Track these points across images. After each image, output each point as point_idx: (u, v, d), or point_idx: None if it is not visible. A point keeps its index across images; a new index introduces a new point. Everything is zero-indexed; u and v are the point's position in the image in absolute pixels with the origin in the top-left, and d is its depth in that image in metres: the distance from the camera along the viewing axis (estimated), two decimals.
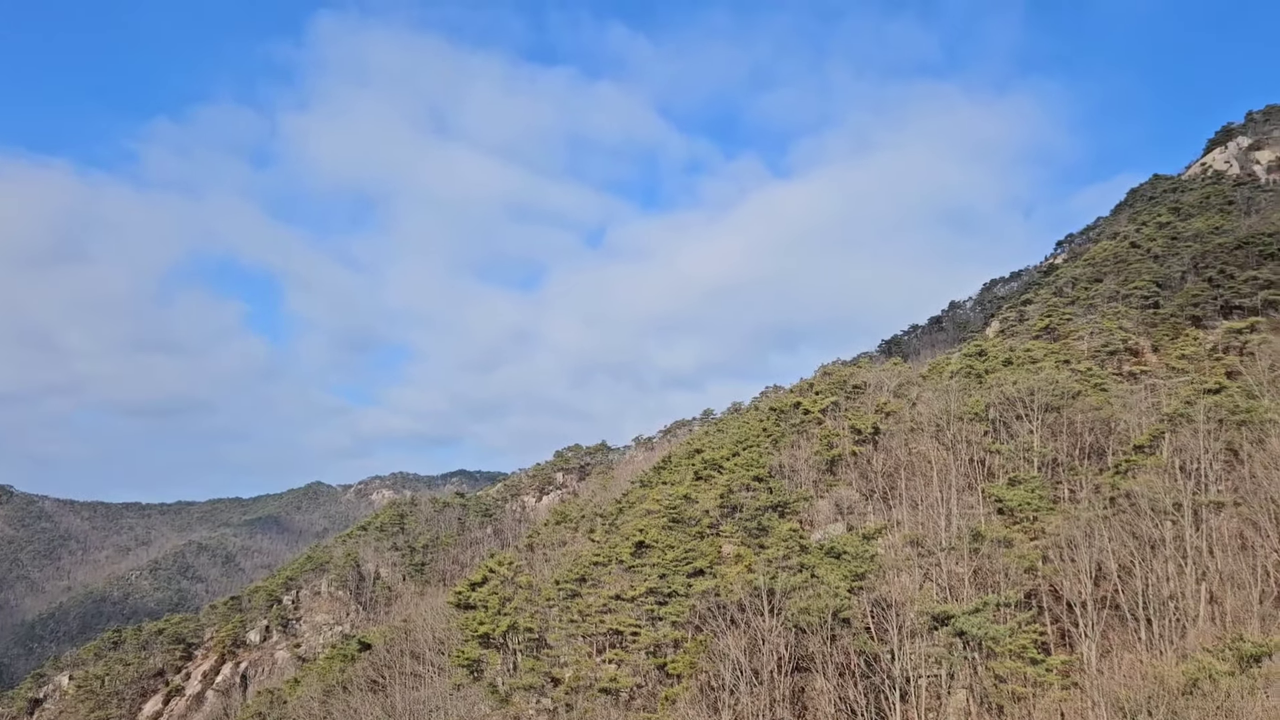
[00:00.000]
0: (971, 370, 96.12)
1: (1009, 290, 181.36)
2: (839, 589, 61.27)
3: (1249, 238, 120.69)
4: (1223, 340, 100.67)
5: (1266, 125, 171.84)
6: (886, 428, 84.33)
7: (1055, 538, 62.60)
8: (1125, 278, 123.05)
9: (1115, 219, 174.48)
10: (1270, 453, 63.43)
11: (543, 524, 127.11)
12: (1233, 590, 56.25)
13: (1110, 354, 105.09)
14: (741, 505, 77.83)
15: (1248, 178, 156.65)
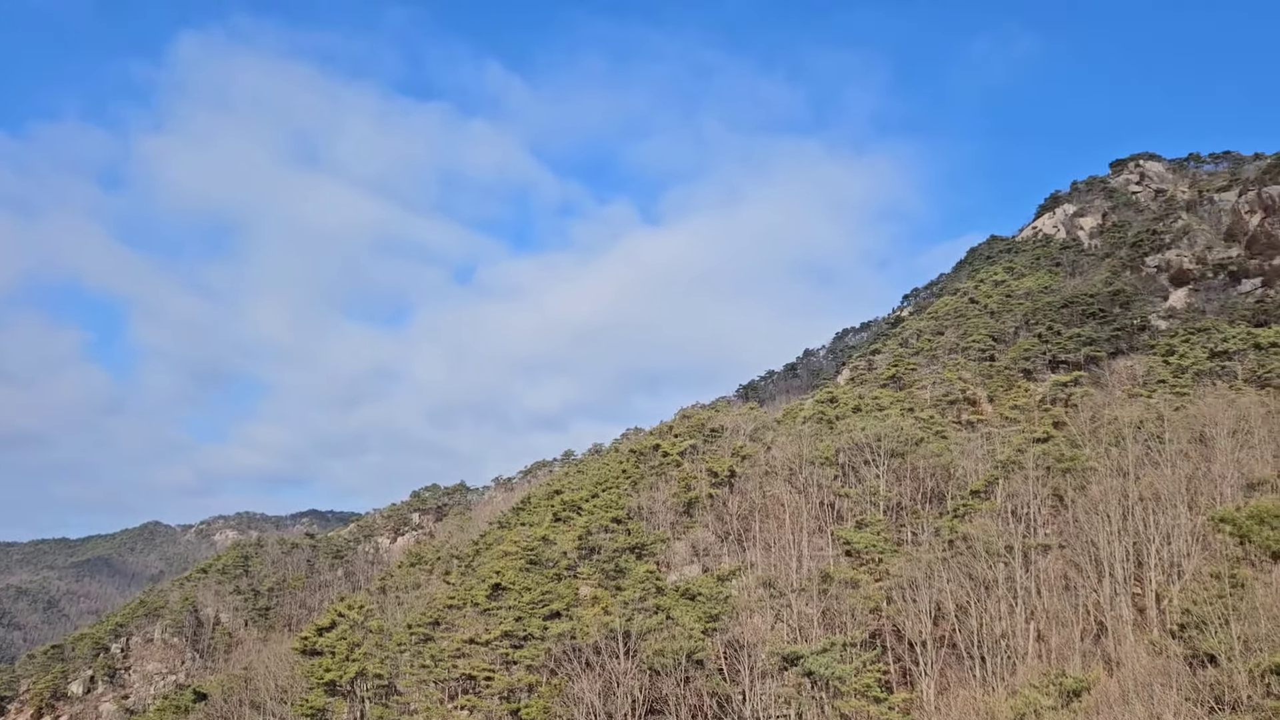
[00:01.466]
0: (823, 416, 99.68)
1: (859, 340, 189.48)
2: (693, 631, 62.07)
3: (1073, 297, 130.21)
4: (1050, 392, 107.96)
5: (1089, 194, 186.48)
6: (742, 471, 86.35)
7: (898, 579, 65.32)
8: (965, 331, 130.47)
9: (956, 275, 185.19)
10: (1091, 498, 68.16)
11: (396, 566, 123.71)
12: (1057, 628, 59.90)
13: (950, 403, 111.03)
14: (600, 547, 77.99)
15: (1073, 242, 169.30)
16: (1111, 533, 62.38)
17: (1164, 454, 74.34)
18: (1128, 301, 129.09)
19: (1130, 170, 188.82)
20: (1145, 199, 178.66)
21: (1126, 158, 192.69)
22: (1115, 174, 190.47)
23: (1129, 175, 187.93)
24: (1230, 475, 69.01)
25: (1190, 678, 47.58)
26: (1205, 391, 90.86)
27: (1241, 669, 44.56)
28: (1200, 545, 61.65)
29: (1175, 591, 58.13)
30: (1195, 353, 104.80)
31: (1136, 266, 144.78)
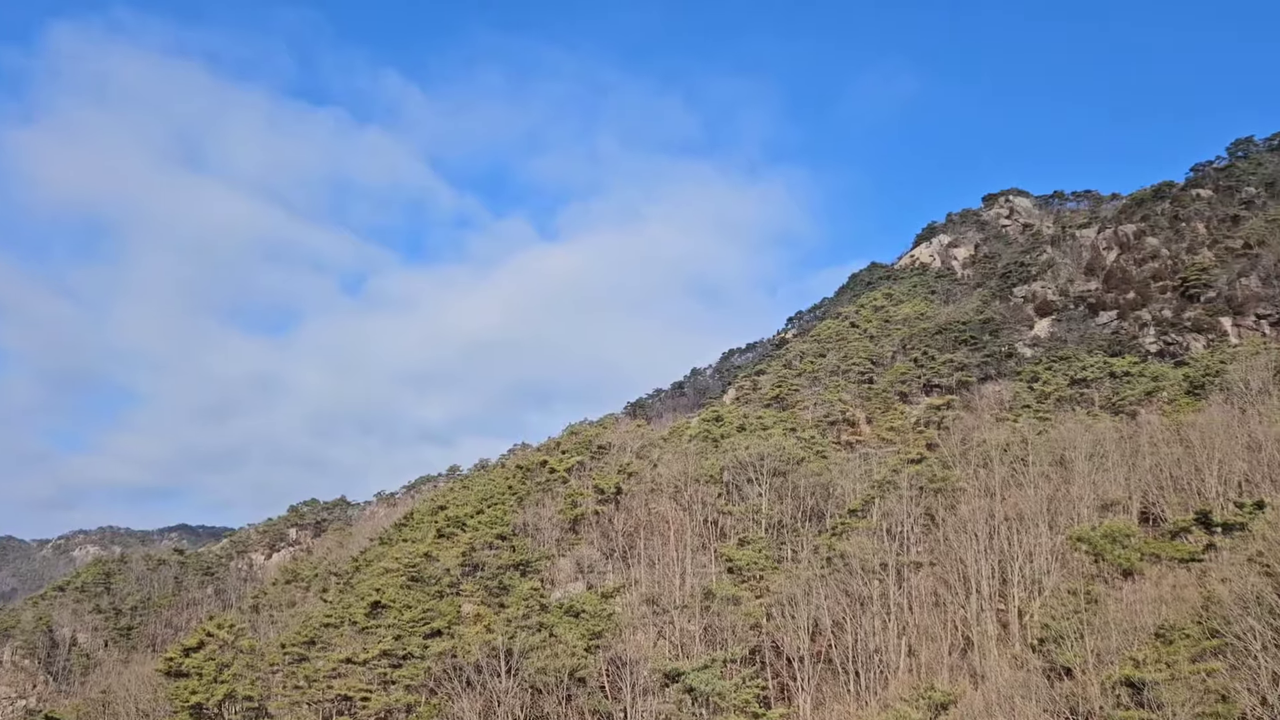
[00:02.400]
0: (709, 435, 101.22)
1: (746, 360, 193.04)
2: (576, 648, 62.02)
3: (947, 324, 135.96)
4: (924, 415, 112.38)
5: (962, 226, 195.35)
6: (628, 488, 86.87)
7: (778, 595, 66.77)
8: (845, 354, 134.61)
9: (839, 300, 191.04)
10: (960, 518, 71.20)
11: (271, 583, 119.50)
12: (927, 643, 62.26)
13: (831, 424, 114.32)
14: (484, 564, 77.19)
15: (947, 271, 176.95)
16: (979, 551, 65.29)
17: (1027, 476, 78.23)
18: (997, 330, 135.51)
19: (1001, 204, 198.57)
20: (1014, 232, 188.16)
21: (998, 192, 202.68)
22: (987, 207, 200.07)
23: (1000, 209, 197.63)
24: (1087, 496, 73.12)
25: (1048, 690, 50.13)
26: (1065, 417, 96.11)
27: (1095, 681, 47.22)
28: (1059, 563, 65.06)
29: (1036, 607, 61.18)
30: (1057, 380, 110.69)
31: (1005, 296, 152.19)
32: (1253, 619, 43.72)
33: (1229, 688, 41.88)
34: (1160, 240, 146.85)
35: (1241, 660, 43.40)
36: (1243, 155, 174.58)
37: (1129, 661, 45.01)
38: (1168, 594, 54.24)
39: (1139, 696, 42.89)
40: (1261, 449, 71.26)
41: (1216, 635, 44.64)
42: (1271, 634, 43.45)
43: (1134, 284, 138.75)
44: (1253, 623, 43.54)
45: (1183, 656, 42.87)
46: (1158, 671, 42.19)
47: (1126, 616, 51.76)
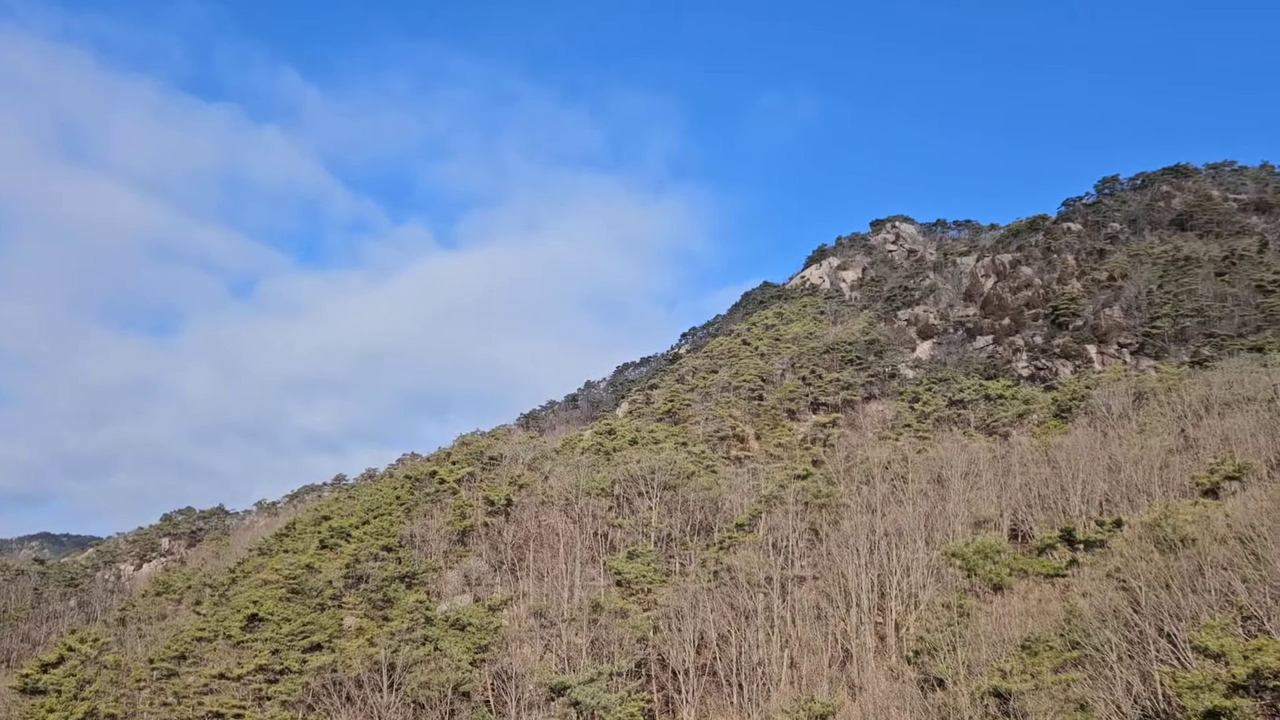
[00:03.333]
0: (601, 448, 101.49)
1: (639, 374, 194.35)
2: (461, 662, 61.31)
3: (834, 344, 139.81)
4: (811, 432, 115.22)
5: (851, 249, 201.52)
6: (519, 500, 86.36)
7: (665, 609, 67.40)
8: (737, 371, 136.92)
9: (731, 318, 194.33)
10: (843, 532, 73.26)
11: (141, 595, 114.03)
12: (809, 655, 63.77)
13: (721, 439, 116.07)
14: (368, 575, 75.53)
15: (835, 292, 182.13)
16: (859, 565, 67.28)
17: (907, 493, 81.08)
18: (881, 351, 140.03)
19: (888, 230, 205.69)
20: (899, 257, 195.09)
21: (885, 218, 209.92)
22: (875, 232, 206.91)
23: (886, 235, 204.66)
24: (961, 513, 76.21)
25: (922, 700, 51.98)
26: (944, 436, 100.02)
27: (965, 691, 49.20)
28: (935, 577, 67.59)
29: (912, 620, 63.40)
30: (936, 400, 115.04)
31: (890, 319, 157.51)
32: (1110, 631, 46.34)
33: (1087, 697, 44.25)
34: (1034, 270, 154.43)
35: (1099, 671, 45.92)
36: (1109, 193, 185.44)
37: (997, 672, 47.10)
38: (1034, 608, 56.99)
39: (1005, 706, 44.89)
40: (1121, 470, 75.59)
41: (1077, 647, 47.11)
42: (1127, 646, 46.14)
43: (1009, 311, 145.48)
44: (1110, 635, 46.14)
45: (1046, 667, 45.08)
46: (1023, 682, 44.25)
47: (996, 629, 54.15)
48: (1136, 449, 77.87)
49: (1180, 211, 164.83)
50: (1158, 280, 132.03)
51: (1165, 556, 49.10)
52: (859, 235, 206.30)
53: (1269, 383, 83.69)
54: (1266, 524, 46.12)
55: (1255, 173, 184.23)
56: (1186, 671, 39.30)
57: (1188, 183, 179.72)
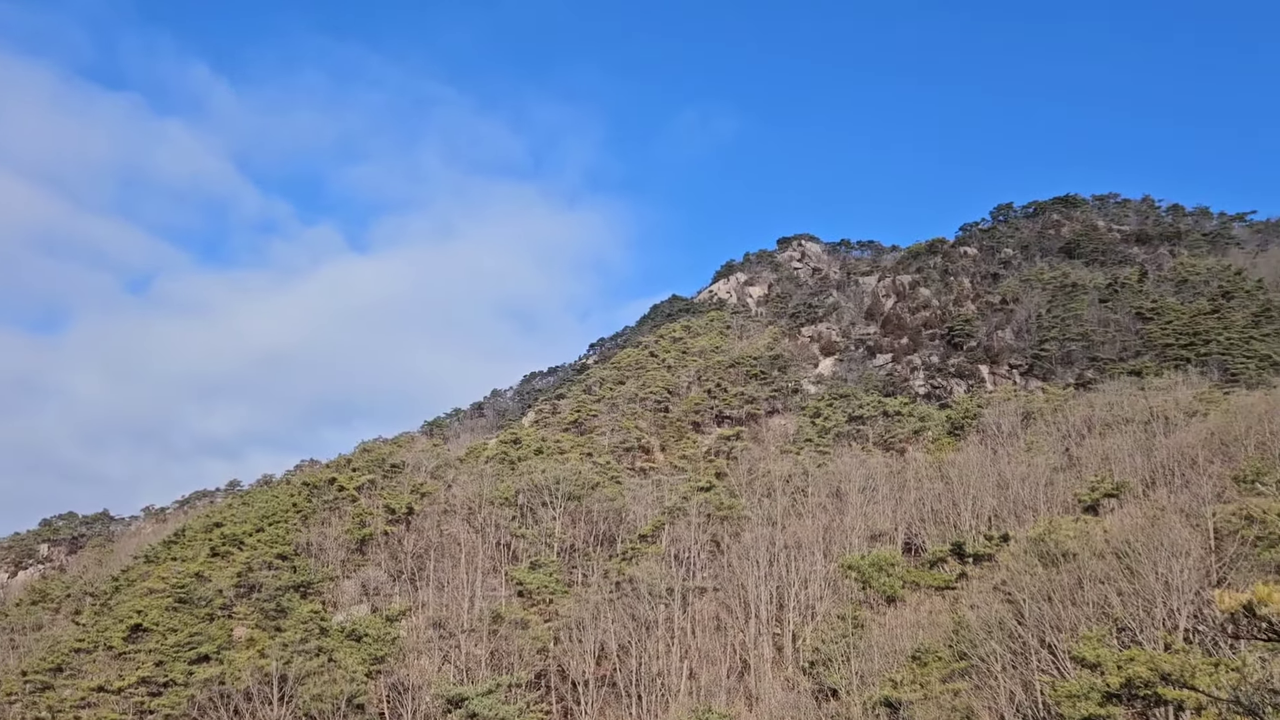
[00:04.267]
0: (506, 457, 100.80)
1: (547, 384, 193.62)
2: (357, 673, 60.03)
3: (740, 358, 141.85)
4: (715, 445, 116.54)
5: (758, 266, 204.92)
6: (421, 508, 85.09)
7: (567, 619, 67.25)
8: (644, 383, 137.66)
9: (640, 329, 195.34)
10: (744, 544, 74.31)
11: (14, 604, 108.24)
12: (707, 666, 64.40)
13: (627, 450, 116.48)
14: (261, 584, 73.33)
15: (742, 307, 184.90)
16: (759, 577, 68.33)
17: (807, 506, 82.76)
18: (785, 366, 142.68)
19: (794, 248, 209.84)
20: (805, 275, 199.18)
21: (791, 236, 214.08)
22: (781, 250, 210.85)
23: (792, 252, 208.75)
24: (858, 527, 78.16)
25: (816, 711, 53.09)
26: (843, 451, 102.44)
27: (857, 701, 50.43)
28: (831, 589, 69.10)
29: (809, 631, 64.67)
30: (837, 416, 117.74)
31: (794, 335, 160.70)
32: (995, 643, 48.16)
33: (973, 706, 45.86)
34: (932, 291, 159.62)
35: (984, 680, 47.66)
36: (1003, 219, 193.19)
37: (888, 683, 48.42)
38: (925, 619, 58.79)
39: (896, 716, 46.17)
40: (1009, 487, 78.64)
41: (964, 657, 48.82)
42: (1011, 656, 48.01)
43: (908, 330, 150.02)
44: (995, 646, 47.95)
45: (934, 677, 46.55)
46: (912, 692, 45.60)
47: (888, 640, 55.66)
48: (1024, 466, 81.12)
49: (1069, 240, 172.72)
50: (1047, 305, 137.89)
51: (1048, 570, 51.29)
52: (766, 252, 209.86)
53: (1145, 405, 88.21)
54: (1140, 540, 48.60)
55: (1137, 205, 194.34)
56: (1065, 681, 41.08)
57: (1076, 213, 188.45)
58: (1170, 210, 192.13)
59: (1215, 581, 46.02)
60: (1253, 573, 44.51)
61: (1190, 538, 48.39)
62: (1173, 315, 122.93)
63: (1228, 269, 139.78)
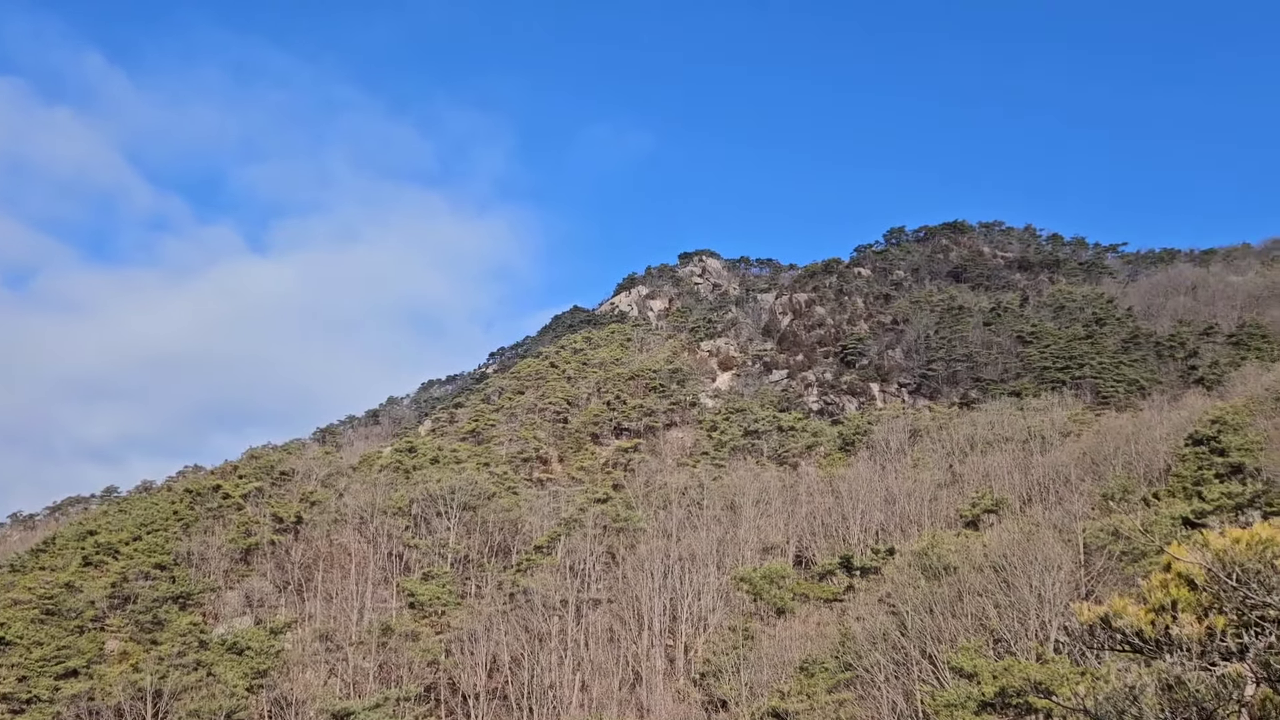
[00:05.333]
0: (401, 465, 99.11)
1: (445, 392, 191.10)
2: (237, 688, 58.08)
3: (639, 371, 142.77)
4: (613, 456, 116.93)
5: (660, 280, 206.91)
6: (310, 517, 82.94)
7: (459, 631, 66.49)
8: (543, 393, 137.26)
9: (541, 340, 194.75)
10: (639, 556, 74.78)
11: None
12: (600, 678, 64.52)
13: (525, 460, 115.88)
14: (137, 595, 70.28)
15: (643, 320, 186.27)
16: (653, 589, 68.86)
17: (702, 518, 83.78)
18: (684, 379, 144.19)
19: (695, 263, 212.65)
20: (705, 290, 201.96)
21: (693, 252, 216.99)
22: (683, 265, 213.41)
23: (693, 267, 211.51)
24: (751, 539, 79.55)
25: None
26: (738, 464, 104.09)
27: (746, 713, 51.28)
28: (724, 601, 70.13)
29: (700, 643, 65.47)
30: (733, 430, 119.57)
31: (693, 349, 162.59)
32: (879, 654, 49.65)
33: (857, 716, 47.17)
34: (827, 310, 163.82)
35: (868, 691, 49.08)
36: (896, 242, 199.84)
37: (776, 693, 49.40)
38: (813, 631, 60.22)
39: None
40: (896, 502, 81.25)
41: (850, 668, 50.18)
42: (893, 667, 49.57)
43: (803, 347, 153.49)
44: (879, 657, 49.44)
45: (821, 688, 47.71)
46: (799, 702, 46.64)
47: (777, 651, 56.79)
48: (910, 482, 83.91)
49: (956, 264, 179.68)
50: (935, 326, 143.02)
51: (930, 583, 53.16)
52: (668, 266, 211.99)
53: (1024, 425, 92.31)
54: (1016, 554, 50.83)
55: (1020, 233, 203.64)
56: (943, 690, 42.65)
57: (963, 238, 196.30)
58: (1050, 239, 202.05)
59: (1084, 594, 48.48)
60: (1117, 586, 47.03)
61: (1062, 552, 50.84)
62: (1050, 339, 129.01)
63: (1101, 297, 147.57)
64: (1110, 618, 14.49)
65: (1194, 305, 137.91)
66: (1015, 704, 39.11)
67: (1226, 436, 66.67)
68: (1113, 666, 16.97)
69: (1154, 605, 14.54)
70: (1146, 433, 78.36)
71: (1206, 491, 59.52)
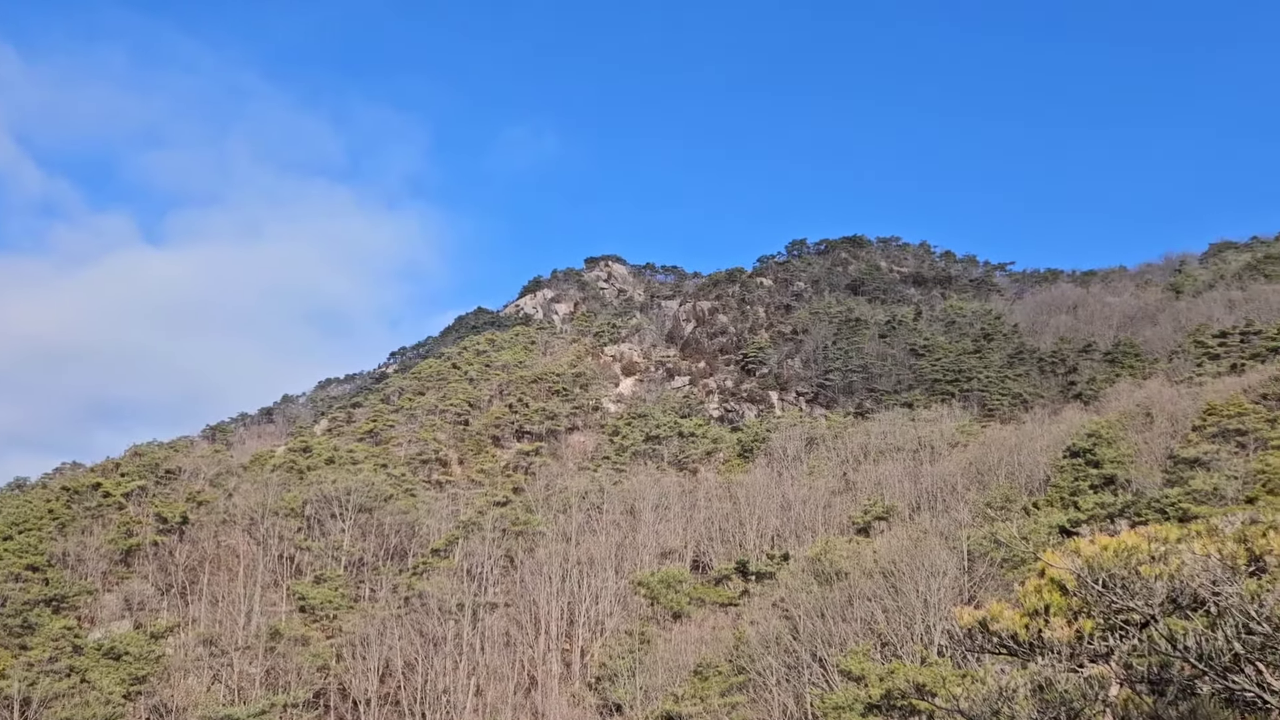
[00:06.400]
0: (295, 465, 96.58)
1: (343, 391, 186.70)
2: (113, 695, 55.81)
3: (543, 374, 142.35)
4: (514, 460, 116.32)
5: (565, 284, 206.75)
6: (197, 518, 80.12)
7: (350, 636, 65.20)
8: (445, 395, 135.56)
9: (443, 340, 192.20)
10: (538, 560, 74.61)
11: None
12: (495, 683, 64.13)
13: (424, 462, 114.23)
14: (6, 598, 66.75)
15: (548, 324, 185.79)
16: (551, 593, 68.81)
17: (601, 523, 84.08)
18: (587, 384, 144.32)
19: (601, 268, 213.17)
20: (610, 295, 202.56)
21: (599, 257, 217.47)
22: (589, 269, 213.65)
23: (599, 272, 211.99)
24: (650, 544, 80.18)
25: None
26: (639, 469, 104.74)
27: (640, 716, 51.71)
28: (621, 605, 70.50)
29: (597, 647, 65.67)
30: (635, 435, 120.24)
31: (597, 354, 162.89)
32: (771, 657, 50.67)
33: (748, 718, 48.03)
34: (729, 319, 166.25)
35: (760, 694, 50.04)
36: (797, 254, 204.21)
37: (670, 697, 49.92)
38: (708, 635, 61.03)
39: None
40: (792, 508, 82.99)
41: (743, 672, 51.07)
42: (785, 670, 50.65)
43: (705, 355, 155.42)
44: (771, 660, 50.45)
45: (714, 691, 48.43)
46: (693, 705, 47.24)
47: (673, 655, 57.40)
48: (806, 489, 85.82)
49: (855, 278, 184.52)
50: (833, 337, 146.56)
51: (823, 588, 54.54)
52: (574, 270, 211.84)
53: (915, 435, 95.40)
54: (905, 560, 52.56)
55: (915, 250, 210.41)
56: (832, 693, 43.80)
57: (862, 252, 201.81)
58: (943, 256, 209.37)
59: (967, 599, 50.42)
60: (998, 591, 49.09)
61: (948, 559, 52.78)
62: (942, 353, 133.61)
63: (989, 313, 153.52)
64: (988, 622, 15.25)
65: (1074, 323, 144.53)
66: (900, 706, 40.43)
67: (1101, 449, 70.19)
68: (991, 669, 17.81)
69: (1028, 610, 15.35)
70: (1028, 444, 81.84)
71: (1082, 501, 62.63)
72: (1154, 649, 15.34)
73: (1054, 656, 15.43)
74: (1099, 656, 15.99)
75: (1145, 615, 15.01)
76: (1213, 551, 14.63)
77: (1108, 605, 15.36)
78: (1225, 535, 15.38)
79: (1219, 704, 15.44)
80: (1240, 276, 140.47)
